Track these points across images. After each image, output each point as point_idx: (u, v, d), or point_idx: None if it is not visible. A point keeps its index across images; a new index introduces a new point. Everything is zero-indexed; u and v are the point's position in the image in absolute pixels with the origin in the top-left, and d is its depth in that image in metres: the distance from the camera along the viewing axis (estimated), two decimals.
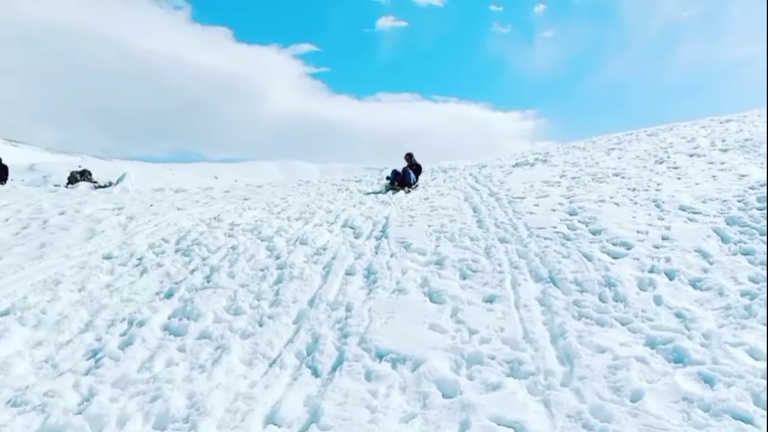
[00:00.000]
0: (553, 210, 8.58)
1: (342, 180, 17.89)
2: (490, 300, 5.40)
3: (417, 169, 14.36)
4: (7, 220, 9.54)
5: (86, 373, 4.32)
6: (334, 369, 4.23)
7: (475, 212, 9.23)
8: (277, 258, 7.13)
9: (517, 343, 4.41)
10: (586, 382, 3.76)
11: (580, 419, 3.35)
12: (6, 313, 5.47)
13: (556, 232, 7.29)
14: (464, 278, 6.05)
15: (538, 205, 9.05)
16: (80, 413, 3.69)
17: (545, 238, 7.10)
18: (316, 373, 4.22)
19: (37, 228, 8.94)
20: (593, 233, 7.09)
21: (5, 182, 19.49)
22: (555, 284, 5.61)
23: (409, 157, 14.50)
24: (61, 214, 10.08)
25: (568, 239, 6.96)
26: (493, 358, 4.19)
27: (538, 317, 4.93)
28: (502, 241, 7.24)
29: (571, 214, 8.15)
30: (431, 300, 5.49)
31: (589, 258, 6.19)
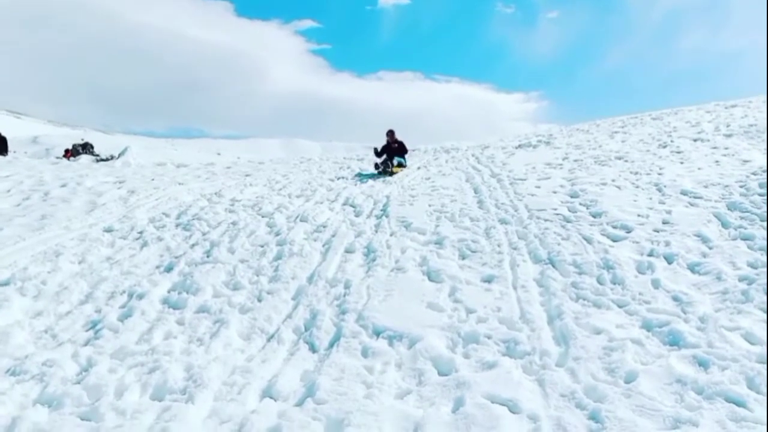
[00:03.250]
0: (555, 192, 8.56)
1: (344, 158, 17.86)
2: (488, 280, 5.41)
3: (400, 147, 13.39)
4: (8, 191, 9.56)
5: (85, 344, 4.36)
6: (331, 345, 4.26)
7: (476, 193, 9.21)
8: (277, 234, 7.15)
9: (513, 323, 4.43)
10: (580, 362, 3.78)
11: (574, 399, 3.37)
12: (6, 283, 5.51)
13: (557, 214, 7.29)
14: (463, 258, 6.06)
15: (539, 187, 9.04)
16: (79, 383, 3.73)
17: (545, 220, 7.09)
18: (313, 349, 4.24)
19: (38, 200, 8.96)
20: (594, 216, 7.08)
21: (6, 154, 19.47)
22: (554, 266, 5.61)
23: (391, 134, 13.54)
24: (63, 186, 10.10)
25: (569, 221, 6.95)
26: (489, 338, 4.21)
27: (536, 298, 4.94)
28: (503, 222, 7.24)
29: (572, 197, 8.13)
30: (430, 279, 5.50)
31: (588, 240, 6.19)
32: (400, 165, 12.89)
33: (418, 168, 13.44)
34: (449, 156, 15.29)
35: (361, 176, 12.67)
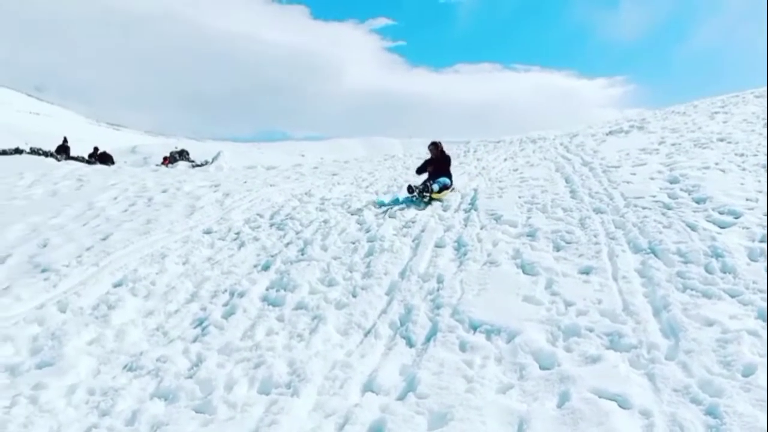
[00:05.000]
0: (652, 178, 8.19)
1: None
2: (586, 272, 5.24)
3: (446, 161, 9.90)
4: (115, 198, 10.18)
5: (194, 341, 4.58)
6: (428, 339, 4.26)
7: (567, 182, 8.95)
8: (367, 231, 7.23)
9: (616, 316, 4.27)
10: (693, 355, 3.58)
11: (688, 393, 3.21)
12: (119, 284, 5.88)
13: (656, 202, 6.96)
14: (558, 250, 5.90)
15: (635, 174, 8.66)
16: (191, 377, 3.93)
17: (644, 208, 6.79)
18: (410, 343, 4.26)
19: (143, 205, 9.50)
20: (697, 202, 6.70)
21: (113, 163, 20.82)
22: (656, 255, 5.36)
23: (434, 147, 10.17)
24: (164, 192, 10.65)
25: (669, 208, 6.62)
26: (591, 331, 4.07)
27: (639, 289, 4.73)
28: (598, 211, 6.99)
29: (671, 183, 7.74)
30: (524, 272, 5.39)
31: (693, 228, 5.87)
32: (445, 188, 9.31)
33: (505, 159, 13.22)
34: (536, 146, 14.94)
35: None
